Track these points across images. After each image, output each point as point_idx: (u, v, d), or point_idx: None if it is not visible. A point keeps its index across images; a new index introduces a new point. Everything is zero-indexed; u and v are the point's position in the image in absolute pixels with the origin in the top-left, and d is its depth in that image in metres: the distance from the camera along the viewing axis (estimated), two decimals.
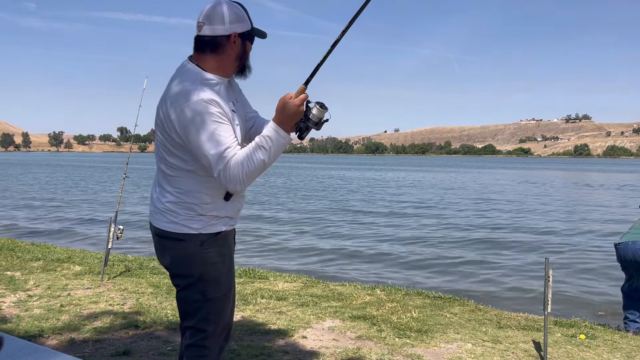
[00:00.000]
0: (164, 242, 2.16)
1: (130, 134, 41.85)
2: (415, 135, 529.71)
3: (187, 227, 2.09)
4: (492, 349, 3.92)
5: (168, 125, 2.04)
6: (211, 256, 2.12)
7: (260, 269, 7.02)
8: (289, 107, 2.00)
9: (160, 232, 2.15)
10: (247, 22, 2.11)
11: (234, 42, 2.09)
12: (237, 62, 2.15)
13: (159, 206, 2.15)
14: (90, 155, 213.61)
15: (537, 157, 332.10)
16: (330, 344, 3.88)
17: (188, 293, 2.15)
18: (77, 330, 4.00)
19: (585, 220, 16.64)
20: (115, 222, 5.65)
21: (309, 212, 17.88)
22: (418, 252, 10.92)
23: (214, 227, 2.13)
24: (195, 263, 2.11)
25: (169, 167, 2.11)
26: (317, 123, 2.07)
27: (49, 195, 23.16)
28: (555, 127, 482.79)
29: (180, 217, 2.09)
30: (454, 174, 54.66)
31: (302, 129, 2.07)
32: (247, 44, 2.15)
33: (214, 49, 2.08)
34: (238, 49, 2.11)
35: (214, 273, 2.14)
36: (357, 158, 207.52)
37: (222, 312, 2.18)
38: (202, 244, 2.10)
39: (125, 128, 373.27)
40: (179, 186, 2.10)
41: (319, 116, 2.05)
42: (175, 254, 2.13)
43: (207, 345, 2.16)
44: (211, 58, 2.09)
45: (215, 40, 2.07)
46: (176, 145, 2.05)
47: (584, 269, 9.47)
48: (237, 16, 2.08)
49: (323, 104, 2.05)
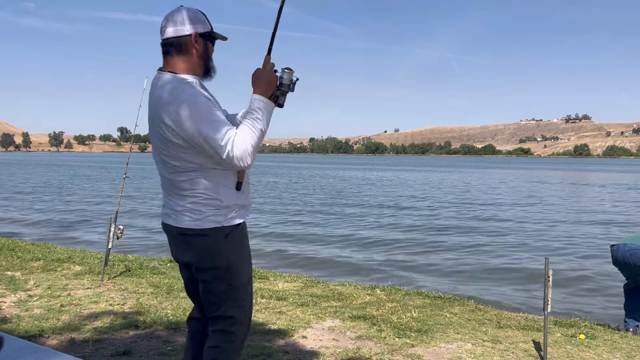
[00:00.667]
0: (188, 239, 2.24)
1: (130, 134, 41.80)
2: (415, 135, 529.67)
3: (211, 222, 2.19)
4: (492, 349, 3.92)
5: (164, 131, 2.13)
6: (235, 246, 2.26)
7: (260, 268, 7.03)
8: (264, 76, 2.22)
9: (184, 230, 2.22)
10: (206, 23, 2.28)
11: (196, 42, 2.23)
12: (201, 61, 2.27)
13: (177, 208, 2.23)
14: (90, 155, 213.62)
15: (537, 157, 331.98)
16: (330, 344, 3.88)
17: (216, 284, 2.26)
18: (77, 330, 4.00)
19: (586, 220, 16.64)
20: (115, 222, 5.65)
21: (310, 210, 17.89)
22: (418, 252, 10.92)
23: (235, 219, 2.25)
24: (222, 255, 2.23)
25: (177, 172, 2.19)
26: (289, 85, 2.27)
27: (48, 196, 23.15)
28: (555, 127, 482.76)
29: (203, 214, 2.19)
30: (455, 174, 54.64)
31: (278, 96, 2.26)
32: (209, 44, 2.31)
33: (179, 49, 2.22)
34: (200, 48, 2.25)
35: (237, 262, 2.28)
36: (356, 158, 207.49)
37: (247, 297, 2.34)
38: (227, 236, 2.22)
39: (125, 128, 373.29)
40: (194, 187, 2.18)
41: (290, 78, 2.27)
42: (201, 249, 2.23)
43: (234, 331, 2.29)
44: (178, 60, 2.23)
45: (179, 40, 2.21)
46: (178, 148, 2.13)
47: (583, 269, 9.47)
48: (197, 18, 2.25)
49: (289, 67, 2.26)
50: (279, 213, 17.58)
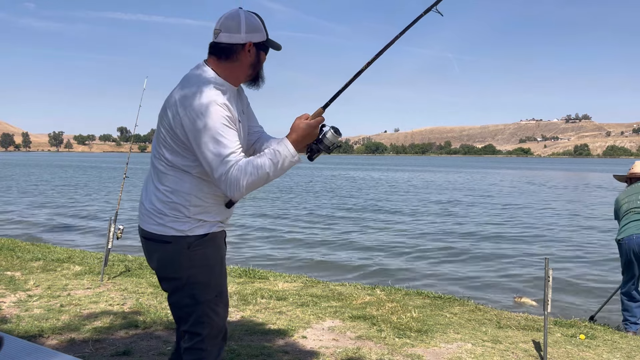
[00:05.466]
0: (150, 244, 2.16)
1: (130, 134, 41.76)
2: (415, 135, 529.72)
3: (173, 229, 2.08)
4: (492, 349, 3.92)
5: (175, 121, 2.03)
6: (199, 258, 2.10)
7: (260, 268, 7.02)
8: (305, 128, 2.06)
9: (147, 234, 2.15)
10: (263, 32, 2.14)
11: (249, 51, 2.12)
12: (249, 71, 2.17)
13: (147, 207, 2.15)
14: (90, 155, 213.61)
15: (537, 157, 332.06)
16: (330, 344, 3.88)
17: (178, 297, 2.14)
18: (77, 330, 4.00)
19: (586, 220, 16.63)
20: (115, 222, 5.65)
21: (313, 211, 17.89)
22: (418, 252, 10.91)
23: (201, 228, 2.11)
24: (183, 266, 2.09)
25: (165, 163, 2.10)
26: (329, 147, 2.11)
27: (48, 196, 23.16)
28: (555, 127, 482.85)
29: (166, 219, 2.09)
30: (456, 174, 54.64)
31: (313, 150, 2.13)
32: (262, 54, 2.18)
33: (229, 56, 2.11)
34: (252, 58, 2.14)
35: (202, 276, 2.12)
36: (357, 158, 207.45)
37: (215, 315, 2.15)
38: (190, 247, 2.08)
39: (125, 128, 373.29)
40: (169, 184, 2.09)
41: (332, 141, 2.11)
42: (162, 257, 2.13)
43: (204, 348, 2.15)
44: (225, 65, 2.12)
45: (231, 48, 2.10)
46: (179, 142, 2.05)
47: (584, 269, 9.47)
48: (254, 26, 2.11)
49: (337, 129, 2.10)
50: (280, 213, 17.57)
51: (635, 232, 5.01)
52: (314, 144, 2.11)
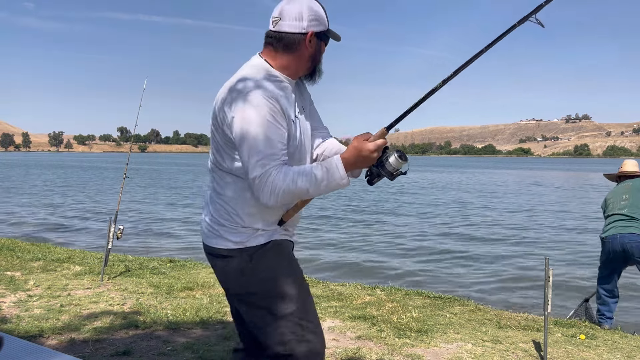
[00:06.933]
0: (212, 260, 1.98)
1: (130, 134, 41.89)
2: (415, 135, 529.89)
3: (231, 242, 1.90)
4: (492, 349, 3.92)
5: (221, 115, 1.86)
6: (263, 269, 1.90)
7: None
8: (362, 150, 1.83)
9: (207, 248, 1.98)
10: (325, 21, 1.95)
11: (310, 42, 1.92)
12: (309, 63, 1.97)
13: (207, 219, 1.98)
14: (91, 155, 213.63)
15: (537, 157, 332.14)
16: (330, 344, 3.88)
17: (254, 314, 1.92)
18: (77, 330, 4.00)
19: (587, 220, 16.63)
20: (115, 222, 5.65)
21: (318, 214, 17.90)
22: (419, 252, 10.91)
23: (261, 237, 1.92)
24: (250, 280, 1.90)
25: (218, 169, 1.94)
26: (392, 173, 1.87)
27: (48, 196, 23.16)
28: (555, 127, 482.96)
29: (223, 229, 1.91)
30: (456, 174, 54.65)
31: (373, 174, 1.91)
32: (322, 45, 1.98)
33: (288, 47, 1.91)
34: (313, 49, 1.94)
35: (275, 287, 1.89)
36: None
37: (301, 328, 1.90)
38: (252, 259, 1.90)
39: (125, 128, 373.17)
40: (225, 192, 1.92)
41: (396, 167, 1.86)
42: (226, 271, 1.95)
43: None
44: (282, 56, 1.92)
45: (291, 37, 1.90)
46: (227, 140, 1.86)
47: (584, 268, 9.46)
48: (317, 14, 1.92)
49: (403, 154, 1.85)
50: None
51: (620, 232, 5.13)
52: (374, 167, 1.88)
